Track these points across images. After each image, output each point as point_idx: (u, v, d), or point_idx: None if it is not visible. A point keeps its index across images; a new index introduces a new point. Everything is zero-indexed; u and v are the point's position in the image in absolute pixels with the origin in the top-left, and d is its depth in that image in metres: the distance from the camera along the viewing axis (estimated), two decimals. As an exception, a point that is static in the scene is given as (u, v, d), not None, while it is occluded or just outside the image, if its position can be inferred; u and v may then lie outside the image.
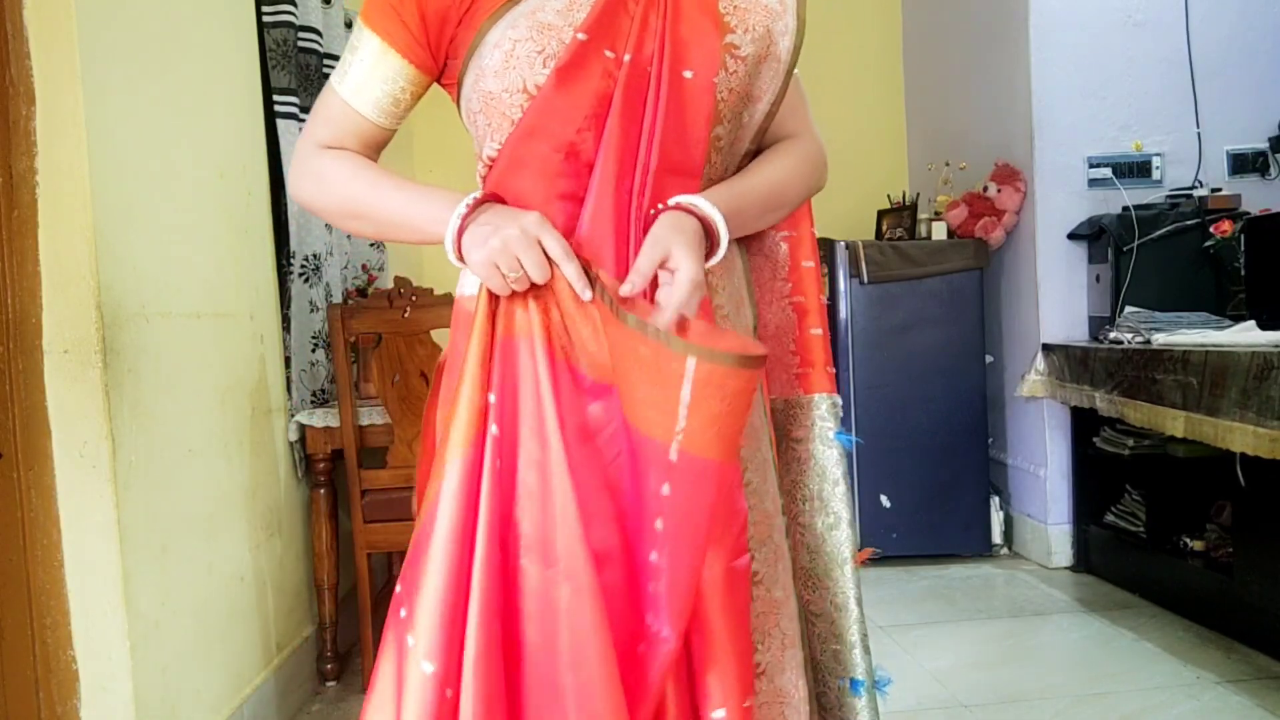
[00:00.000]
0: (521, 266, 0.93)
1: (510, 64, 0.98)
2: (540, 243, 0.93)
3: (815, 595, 1.19)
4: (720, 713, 0.97)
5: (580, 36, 0.96)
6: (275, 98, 2.45)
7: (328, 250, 2.64)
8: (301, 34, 2.56)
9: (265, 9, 2.43)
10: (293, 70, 2.49)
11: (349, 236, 2.96)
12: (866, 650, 1.16)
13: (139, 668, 1.60)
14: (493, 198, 1.00)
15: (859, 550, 1.18)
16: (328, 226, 2.63)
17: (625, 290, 0.93)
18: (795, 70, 1.11)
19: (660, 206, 1.00)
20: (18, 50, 1.49)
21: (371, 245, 3.15)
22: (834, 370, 1.20)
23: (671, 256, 0.95)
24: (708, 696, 0.97)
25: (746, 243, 1.18)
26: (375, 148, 1.09)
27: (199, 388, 1.92)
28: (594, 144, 0.99)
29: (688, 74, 1.00)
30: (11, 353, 1.51)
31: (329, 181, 1.05)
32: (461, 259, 0.98)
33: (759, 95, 1.07)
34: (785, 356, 1.20)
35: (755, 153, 1.14)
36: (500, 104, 0.99)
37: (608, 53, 0.98)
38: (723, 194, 1.03)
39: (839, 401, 1.19)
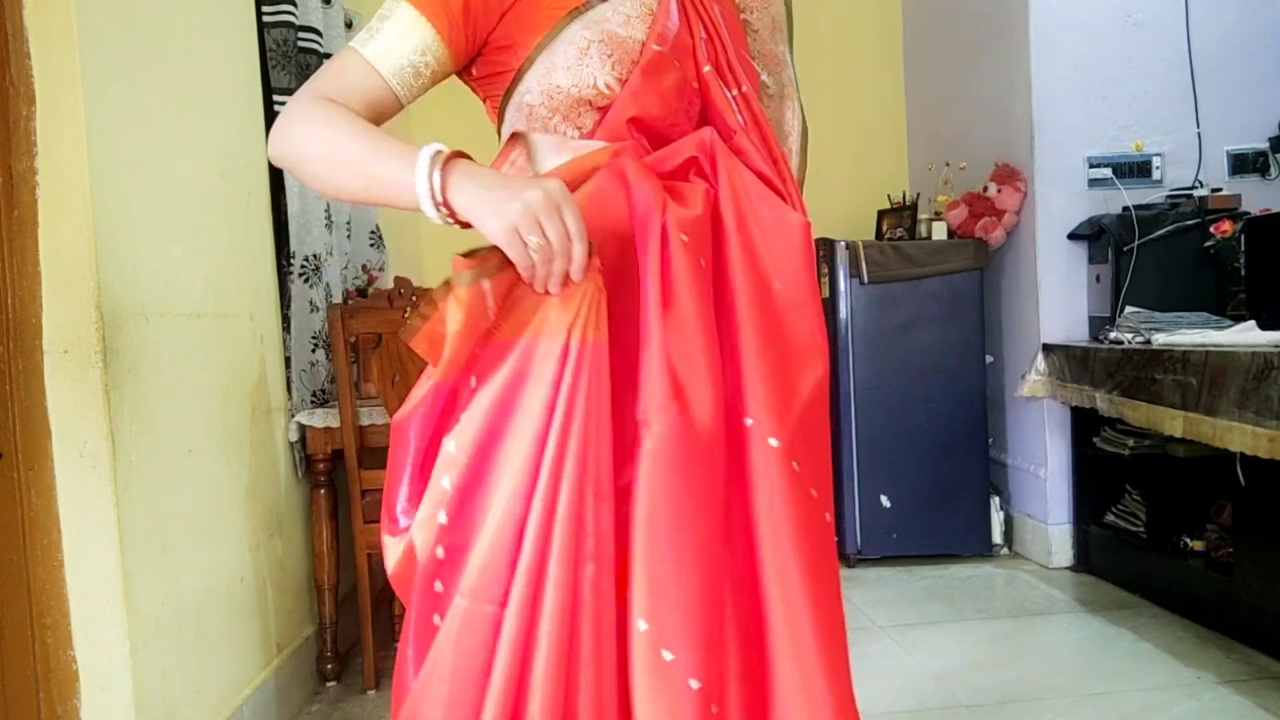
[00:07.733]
0: (544, 234, 0.87)
1: (584, 61, 1.03)
2: (561, 213, 0.88)
3: None
4: None
5: (655, 47, 1.05)
6: (275, 98, 2.45)
7: (327, 250, 2.63)
8: (301, 34, 2.56)
9: (265, 9, 2.43)
10: (293, 70, 2.49)
11: (349, 236, 2.96)
12: None
13: (139, 668, 1.60)
14: (459, 155, 0.94)
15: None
16: (328, 226, 2.63)
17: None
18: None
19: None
20: (18, 50, 1.49)
21: (371, 245, 3.15)
22: None
23: None
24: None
25: None
26: (380, 118, 1.05)
27: (199, 388, 1.92)
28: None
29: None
30: (11, 353, 1.51)
31: (316, 125, 0.99)
32: (453, 218, 0.92)
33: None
34: None
35: None
36: (568, 98, 1.04)
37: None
38: None
39: None
